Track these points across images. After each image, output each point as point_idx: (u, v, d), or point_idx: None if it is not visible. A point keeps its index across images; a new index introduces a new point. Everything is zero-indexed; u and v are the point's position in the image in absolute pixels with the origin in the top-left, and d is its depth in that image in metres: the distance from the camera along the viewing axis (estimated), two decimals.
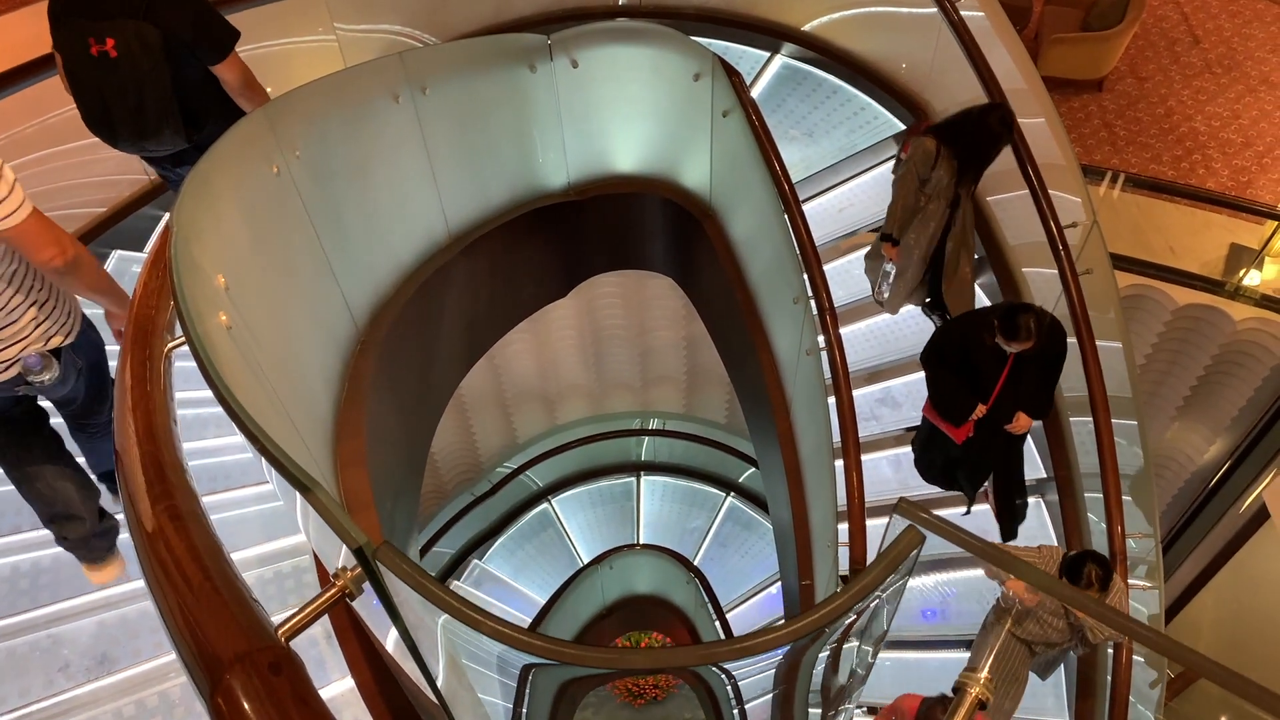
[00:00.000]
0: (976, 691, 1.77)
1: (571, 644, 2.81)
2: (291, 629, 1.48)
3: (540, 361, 8.90)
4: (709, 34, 5.69)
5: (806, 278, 3.71)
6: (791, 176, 3.97)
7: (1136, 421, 4.37)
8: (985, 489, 4.51)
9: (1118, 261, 5.37)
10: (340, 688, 2.99)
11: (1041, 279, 4.58)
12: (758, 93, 5.66)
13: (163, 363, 2.38)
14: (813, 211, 5.16)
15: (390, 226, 3.71)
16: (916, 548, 1.81)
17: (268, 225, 2.81)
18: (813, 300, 3.74)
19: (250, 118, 2.70)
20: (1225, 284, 6.19)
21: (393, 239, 3.75)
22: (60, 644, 3.02)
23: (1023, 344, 3.53)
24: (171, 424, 2.15)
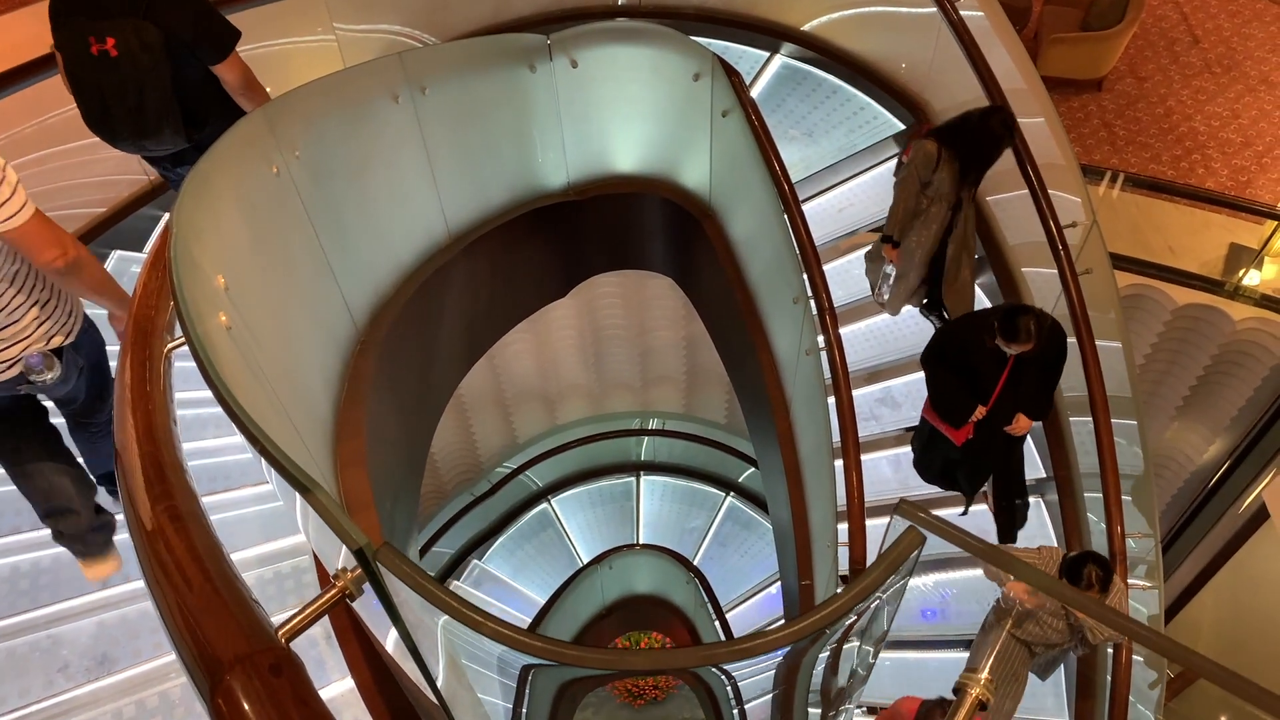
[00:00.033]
0: (977, 692, 1.77)
1: (572, 645, 2.81)
2: (292, 630, 1.48)
3: (540, 361, 8.90)
4: (709, 34, 5.68)
5: (806, 278, 3.71)
6: (791, 176, 3.96)
7: (1136, 421, 4.37)
8: (985, 491, 4.52)
9: (1117, 261, 5.37)
10: (340, 688, 2.99)
11: (1041, 279, 4.58)
12: (757, 93, 5.66)
13: (162, 363, 2.38)
14: (812, 211, 5.16)
15: (390, 226, 3.71)
16: (917, 549, 1.81)
17: (267, 225, 2.81)
18: (812, 300, 3.74)
19: (249, 118, 2.70)
20: (1225, 284, 6.20)
21: (392, 239, 3.75)
22: (60, 644, 3.01)
23: (1023, 346, 3.53)
24: (171, 424, 2.15)
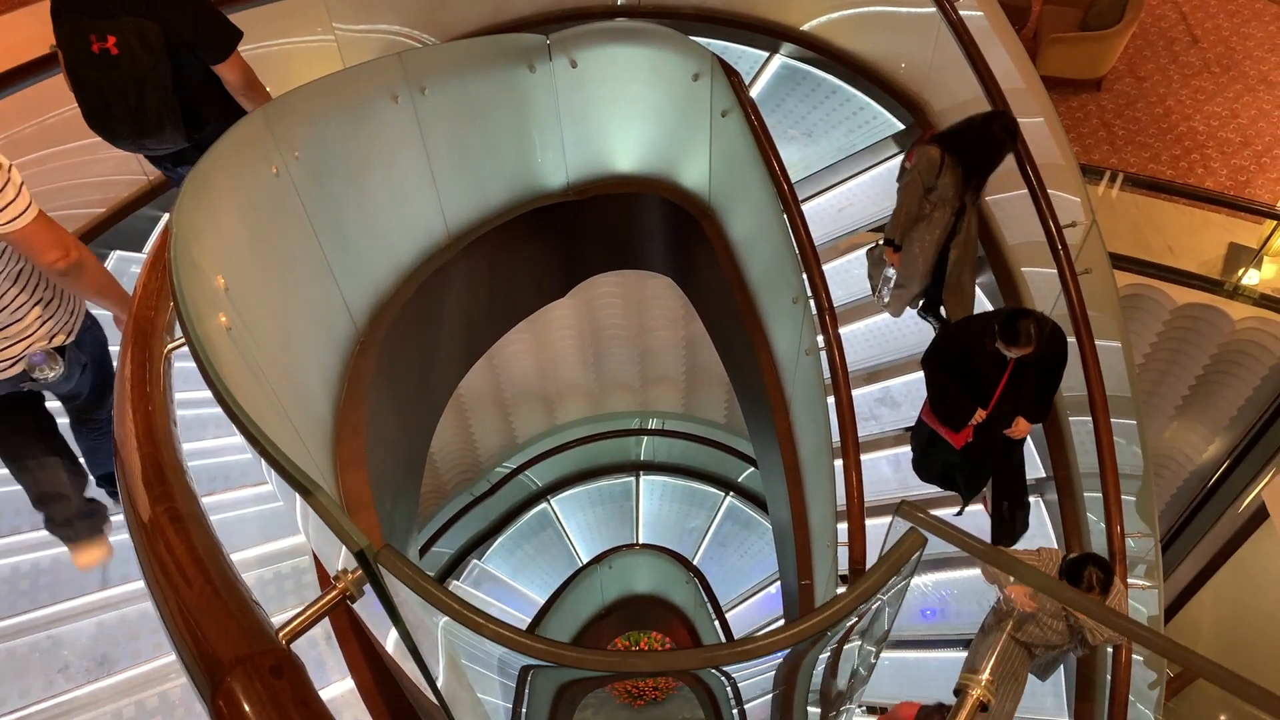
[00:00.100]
0: (978, 694, 1.77)
1: (572, 647, 2.81)
2: (292, 631, 1.48)
3: (539, 361, 8.90)
4: (708, 34, 5.68)
5: (806, 277, 3.71)
6: (790, 176, 3.96)
7: (1135, 421, 4.37)
8: (984, 494, 4.51)
9: (1116, 261, 5.38)
10: (340, 689, 2.98)
11: (1041, 278, 4.58)
12: (756, 92, 5.65)
13: (162, 363, 2.38)
14: (812, 211, 5.16)
15: (389, 227, 3.70)
16: (918, 550, 1.81)
17: (267, 225, 2.81)
18: (812, 300, 3.74)
19: (249, 118, 2.70)
20: (1224, 283, 6.20)
21: (392, 239, 3.75)
22: (60, 645, 3.01)
23: (1023, 349, 3.52)
24: (171, 425, 2.15)
